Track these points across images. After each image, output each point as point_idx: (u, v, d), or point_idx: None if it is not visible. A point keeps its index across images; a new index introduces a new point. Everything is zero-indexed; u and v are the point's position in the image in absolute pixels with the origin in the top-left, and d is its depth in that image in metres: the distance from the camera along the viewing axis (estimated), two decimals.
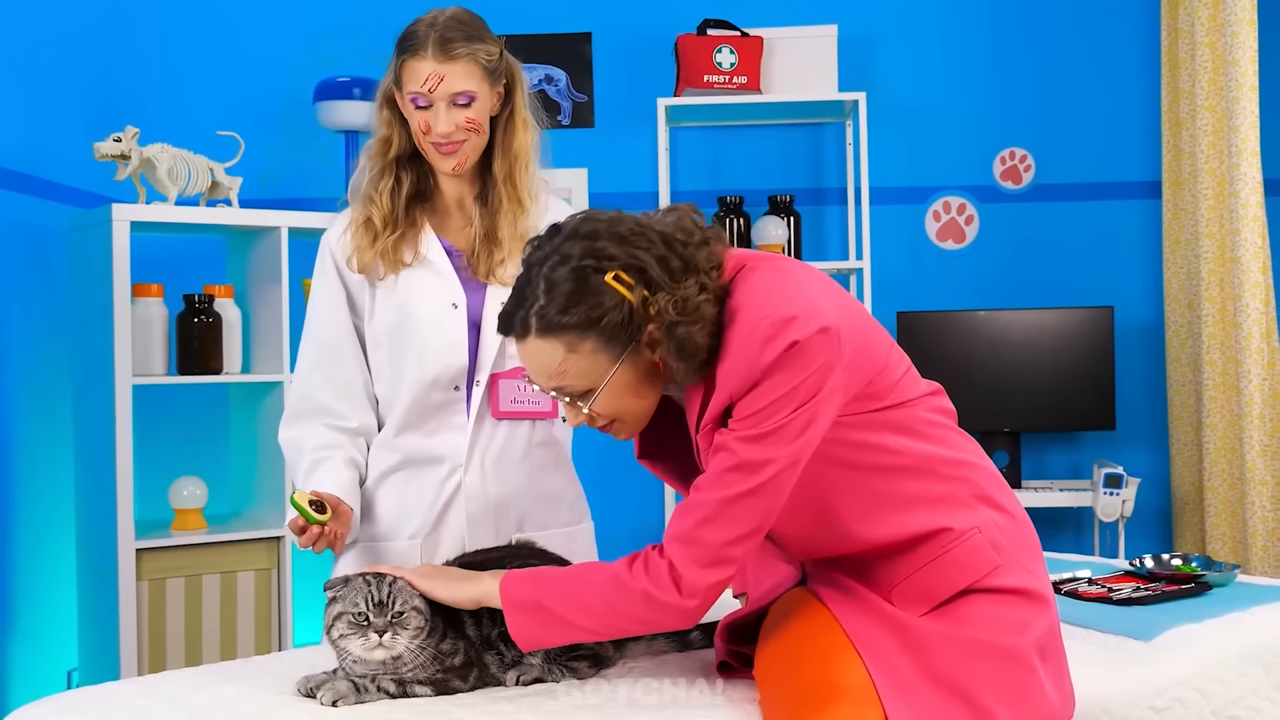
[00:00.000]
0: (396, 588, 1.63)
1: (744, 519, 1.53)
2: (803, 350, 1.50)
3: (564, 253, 1.56)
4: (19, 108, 3.36)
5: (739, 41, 3.99)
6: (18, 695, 3.23)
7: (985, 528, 1.60)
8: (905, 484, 1.60)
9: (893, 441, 1.60)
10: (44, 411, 3.46)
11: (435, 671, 1.66)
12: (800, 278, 1.60)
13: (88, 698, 1.68)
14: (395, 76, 2.12)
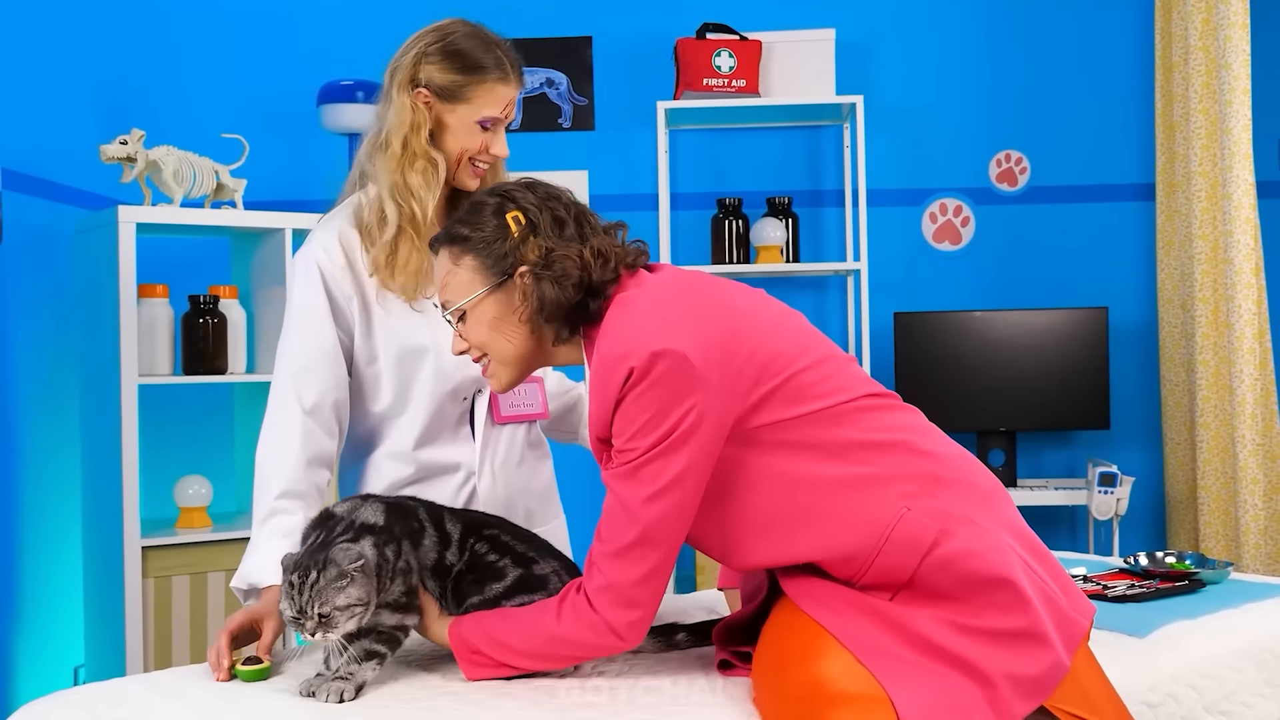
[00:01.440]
0: (315, 592, 1.59)
1: (640, 561, 1.57)
2: (643, 377, 1.53)
3: (495, 191, 1.74)
4: (27, 111, 3.36)
5: (738, 45, 3.99)
6: (25, 691, 3.23)
7: (913, 499, 1.58)
8: (825, 484, 1.59)
9: (807, 445, 1.60)
10: (51, 411, 3.46)
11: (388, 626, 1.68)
12: (654, 302, 1.62)
13: (94, 694, 1.68)
14: (454, 90, 2.04)
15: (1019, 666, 1.51)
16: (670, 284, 1.67)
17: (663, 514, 1.56)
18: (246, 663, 1.71)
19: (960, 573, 1.54)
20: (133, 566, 3.19)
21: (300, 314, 2.09)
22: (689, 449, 1.55)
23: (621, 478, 1.57)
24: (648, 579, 1.58)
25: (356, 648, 1.64)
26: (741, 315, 1.63)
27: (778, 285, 4.24)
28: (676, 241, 4.22)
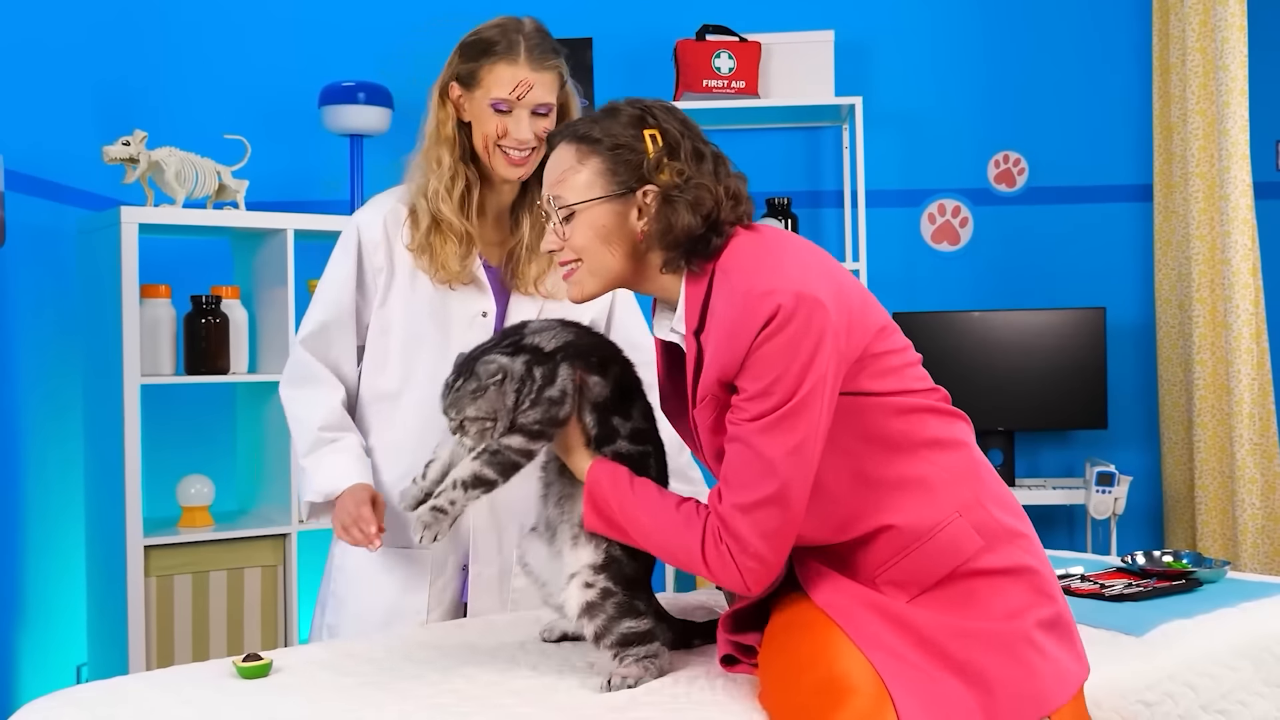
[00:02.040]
0: (455, 397, 1.63)
1: (776, 518, 1.52)
2: (788, 321, 1.49)
3: (633, 102, 1.70)
4: (30, 113, 3.36)
5: (737, 47, 3.99)
6: (28, 690, 3.23)
7: (967, 510, 1.58)
8: (889, 467, 1.58)
9: (882, 423, 1.58)
10: (54, 411, 3.46)
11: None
12: (785, 248, 1.59)
13: (97, 692, 1.68)
14: (470, 76, 2.07)
15: (1023, 679, 1.51)
16: (791, 236, 1.65)
17: (801, 468, 1.52)
18: (246, 660, 1.71)
19: (988, 599, 1.55)
20: (135, 565, 3.19)
21: (329, 280, 2.17)
22: (822, 402, 1.51)
23: (763, 430, 1.51)
24: (783, 535, 1.53)
25: (467, 470, 1.63)
26: (851, 281, 1.62)
27: None
28: None
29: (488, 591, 2.15)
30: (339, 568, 2.19)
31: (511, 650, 1.83)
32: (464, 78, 2.08)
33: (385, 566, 2.14)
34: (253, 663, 1.71)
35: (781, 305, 1.49)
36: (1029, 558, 1.59)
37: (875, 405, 1.57)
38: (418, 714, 1.56)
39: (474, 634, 1.95)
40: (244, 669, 1.71)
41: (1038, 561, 1.61)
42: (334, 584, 2.20)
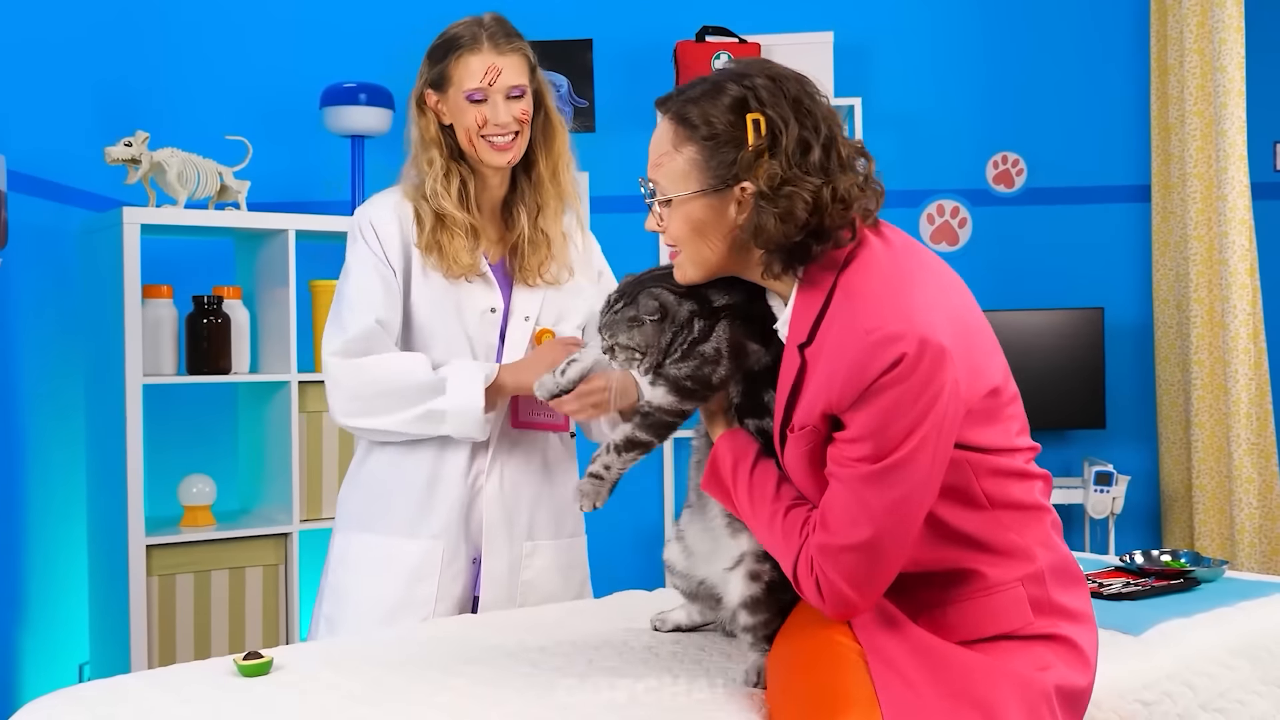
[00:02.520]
0: (612, 319, 1.61)
1: (864, 565, 1.45)
2: (910, 371, 1.39)
3: (744, 72, 1.55)
4: (33, 114, 3.35)
5: (737, 48, 3.99)
6: (31, 688, 3.23)
7: (1029, 582, 1.51)
8: (964, 522, 1.50)
9: (970, 481, 1.50)
10: (57, 410, 3.46)
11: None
12: (916, 276, 1.49)
13: (99, 691, 1.68)
14: (440, 78, 2.12)
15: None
16: (923, 254, 1.56)
17: (901, 523, 1.44)
18: (247, 658, 1.71)
19: (1021, 651, 1.51)
20: (137, 564, 3.19)
21: (364, 264, 2.13)
22: (933, 457, 1.43)
23: (865, 478, 1.43)
24: (872, 584, 1.46)
25: (620, 434, 1.59)
26: (977, 318, 1.54)
27: None
28: None
29: (498, 584, 2.16)
30: (340, 559, 2.19)
31: (512, 648, 1.83)
32: (436, 81, 2.13)
33: (391, 558, 2.13)
34: (254, 661, 1.71)
35: (906, 354, 1.39)
36: (1074, 632, 1.54)
37: (970, 461, 1.49)
38: (417, 712, 1.55)
39: (475, 631, 1.94)
40: (245, 667, 1.71)
41: (1083, 639, 1.55)
42: (333, 576, 2.19)
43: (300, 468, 3.45)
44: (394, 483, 2.15)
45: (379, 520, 2.15)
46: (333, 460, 3.52)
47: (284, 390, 3.45)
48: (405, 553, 2.13)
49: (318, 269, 3.68)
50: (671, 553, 1.83)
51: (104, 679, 1.75)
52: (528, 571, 2.17)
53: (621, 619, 2.01)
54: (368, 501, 2.17)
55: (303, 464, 3.46)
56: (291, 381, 3.42)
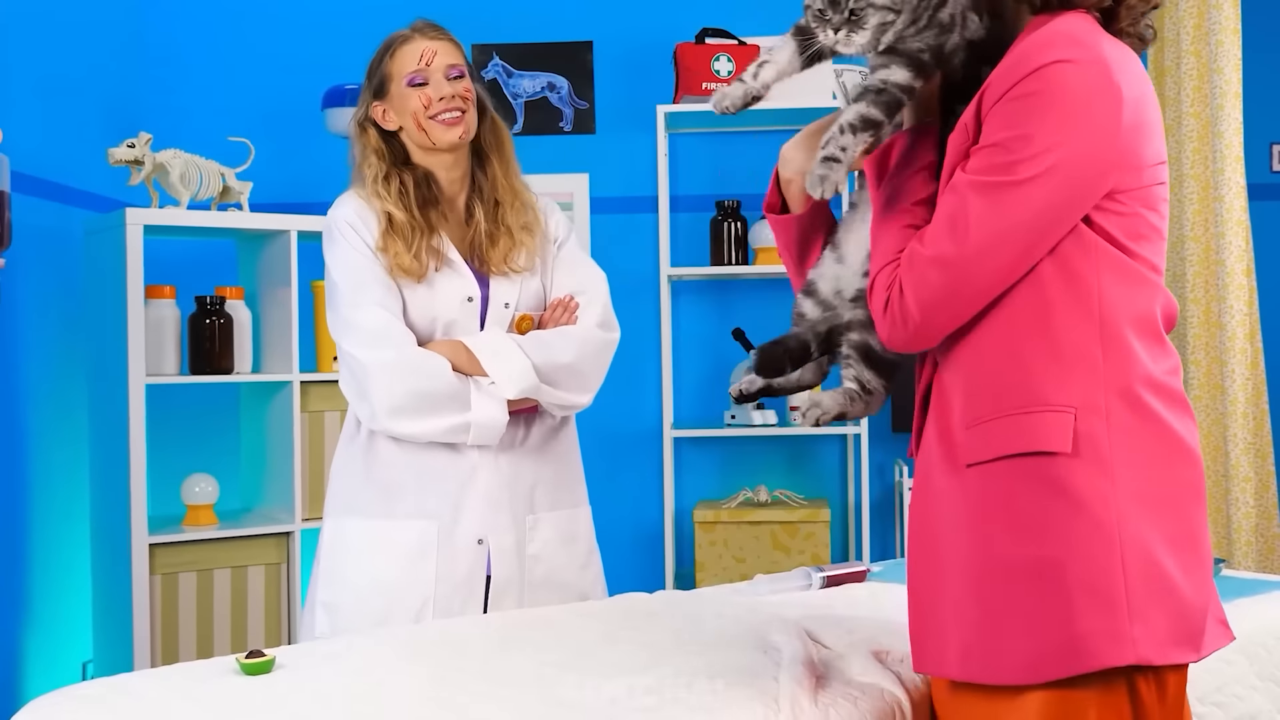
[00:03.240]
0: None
1: (937, 284, 1.36)
2: (1064, 75, 1.31)
3: None
4: (37, 115, 3.36)
5: (736, 50, 3.99)
6: (34, 686, 3.23)
7: (1087, 414, 1.35)
8: (1061, 319, 1.37)
9: (1097, 274, 1.37)
10: (60, 410, 3.46)
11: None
12: (1106, 44, 1.38)
13: (102, 689, 1.68)
14: (381, 82, 2.20)
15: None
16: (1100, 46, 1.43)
17: (997, 250, 1.35)
18: (250, 657, 1.71)
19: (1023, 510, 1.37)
20: (140, 563, 3.19)
21: (357, 255, 2.16)
22: (1061, 190, 1.33)
23: (980, 189, 1.35)
24: (940, 309, 1.38)
25: (853, 113, 1.44)
26: (1157, 119, 1.42)
27: (775, 286, 4.24)
28: (676, 243, 4.21)
29: (507, 560, 2.18)
30: (331, 544, 2.19)
31: (513, 646, 1.83)
32: (378, 89, 2.21)
33: (386, 540, 2.15)
34: (256, 659, 1.71)
35: (1063, 60, 1.31)
36: (1116, 496, 1.35)
37: (1096, 248, 1.37)
38: (419, 710, 1.55)
39: (476, 630, 1.94)
40: (247, 665, 1.71)
41: (1121, 506, 1.36)
42: (327, 561, 2.20)
43: (302, 467, 3.45)
44: (385, 466, 2.16)
45: (371, 504, 2.16)
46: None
47: (286, 390, 3.45)
48: (399, 534, 2.14)
49: (320, 269, 3.66)
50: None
51: (107, 677, 1.75)
52: (532, 545, 2.21)
53: (622, 618, 2.01)
54: (359, 486, 2.18)
55: (304, 463, 3.46)
56: (293, 381, 3.42)
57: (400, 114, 2.18)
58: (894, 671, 1.68)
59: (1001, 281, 1.37)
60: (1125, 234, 1.38)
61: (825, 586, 2.26)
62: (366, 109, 2.22)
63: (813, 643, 1.81)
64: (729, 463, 4.26)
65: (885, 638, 1.82)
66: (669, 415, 4.02)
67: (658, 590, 2.30)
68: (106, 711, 1.57)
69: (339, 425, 3.50)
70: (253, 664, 1.70)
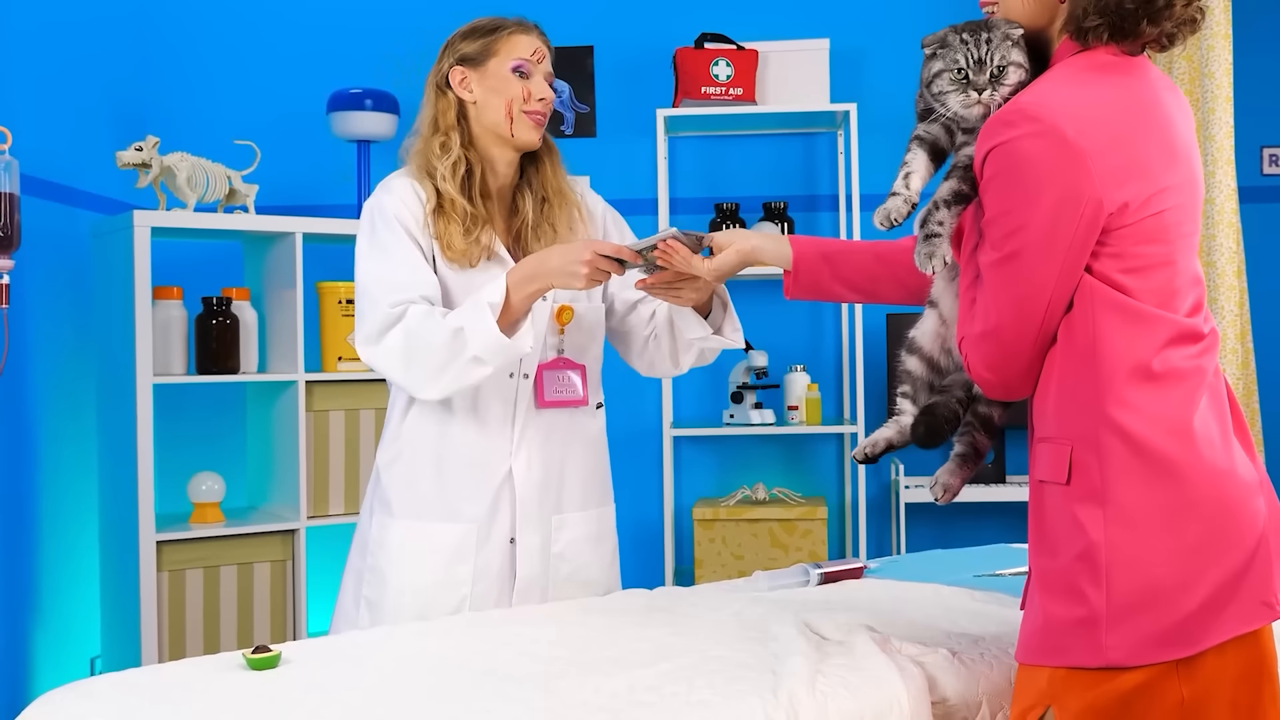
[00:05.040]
0: (993, 45, 1.55)
1: (993, 352, 1.50)
2: (1020, 149, 1.42)
3: None
4: (45, 119, 3.36)
5: (735, 55, 3.99)
6: (43, 681, 3.23)
7: (1082, 446, 1.47)
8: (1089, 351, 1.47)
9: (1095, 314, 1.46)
10: (69, 409, 3.46)
11: None
12: (1089, 84, 1.46)
13: (110, 684, 1.67)
14: (481, 53, 2.13)
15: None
16: (1138, 78, 1.52)
17: (1022, 316, 1.48)
18: (256, 652, 1.71)
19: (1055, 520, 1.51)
20: (148, 560, 3.19)
21: (399, 256, 2.08)
22: (1053, 252, 1.45)
23: (991, 267, 1.49)
24: (1008, 368, 1.52)
25: (946, 189, 1.56)
26: (1171, 145, 1.48)
27: (774, 287, 4.24)
28: None
29: (532, 560, 2.17)
30: (379, 543, 2.17)
31: (516, 644, 1.83)
32: (473, 56, 2.14)
33: (431, 543, 2.14)
34: (262, 655, 1.71)
35: (1014, 137, 1.42)
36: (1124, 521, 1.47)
37: (1097, 293, 1.46)
38: (423, 706, 1.55)
39: (480, 628, 1.94)
40: (253, 661, 1.71)
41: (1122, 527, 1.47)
42: (373, 559, 2.17)
43: (307, 465, 3.45)
44: (421, 468, 2.15)
45: (414, 505, 2.15)
46: (339, 459, 3.52)
47: (291, 390, 3.45)
48: (440, 537, 2.14)
49: (325, 271, 3.68)
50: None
51: (115, 672, 1.75)
52: (557, 544, 2.19)
53: (622, 614, 2.01)
54: (399, 487, 2.17)
55: (309, 462, 3.46)
56: (299, 381, 3.42)
57: (490, 92, 2.13)
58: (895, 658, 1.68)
59: (1044, 335, 1.49)
60: (1122, 272, 1.46)
61: (822, 583, 2.26)
62: (446, 72, 2.15)
63: (812, 634, 1.81)
64: (728, 461, 4.26)
65: (883, 629, 1.82)
66: (669, 414, 4.02)
67: (657, 587, 2.30)
68: (114, 706, 1.57)
69: (343, 424, 3.50)
70: (259, 659, 1.70)
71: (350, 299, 3.54)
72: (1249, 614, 1.48)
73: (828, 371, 4.25)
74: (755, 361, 4.01)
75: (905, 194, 1.57)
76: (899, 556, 2.66)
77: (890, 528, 4.19)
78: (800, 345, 4.24)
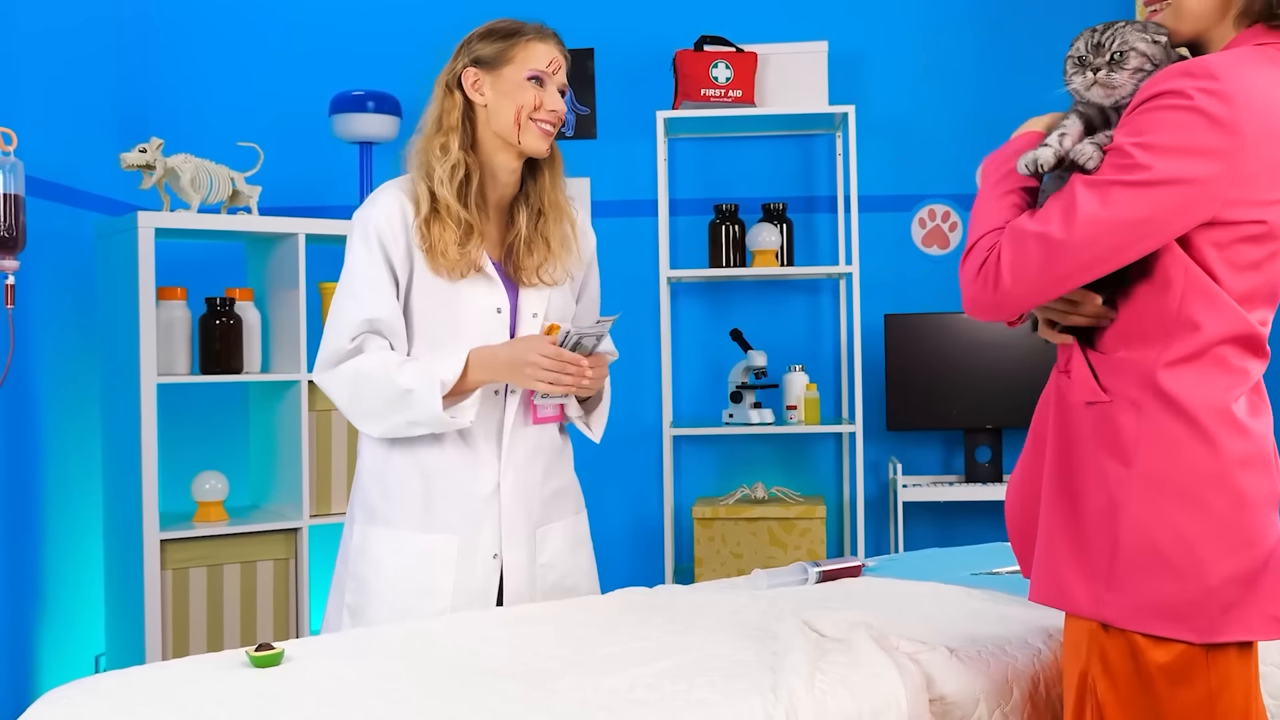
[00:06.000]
0: (1121, 30, 1.54)
1: (1032, 259, 1.46)
2: (1191, 102, 1.39)
3: None
4: (50, 121, 3.35)
5: (734, 57, 3.99)
6: (48, 678, 3.23)
7: (1123, 402, 1.48)
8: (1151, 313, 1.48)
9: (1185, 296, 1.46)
10: (74, 409, 3.46)
11: None
12: (1249, 61, 1.45)
13: (114, 681, 1.67)
14: (496, 57, 2.10)
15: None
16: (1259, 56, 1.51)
17: (1092, 246, 1.44)
18: (259, 650, 1.71)
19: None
20: (151, 558, 3.19)
21: (362, 279, 2.10)
22: (1164, 207, 1.42)
23: (1090, 184, 1.44)
24: (1030, 280, 1.47)
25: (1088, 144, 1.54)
26: None
27: (772, 288, 4.24)
28: (675, 245, 4.21)
29: (519, 573, 2.16)
30: (360, 551, 2.15)
31: (515, 642, 1.83)
32: (488, 59, 2.10)
33: (412, 552, 2.12)
34: (265, 652, 1.71)
35: (1191, 87, 1.39)
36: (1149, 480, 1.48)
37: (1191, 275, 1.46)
38: (423, 703, 1.55)
39: (480, 626, 1.94)
40: (256, 658, 1.70)
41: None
42: (355, 566, 2.16)
43: (310, 465, 3.45)
44: (407, 477, 2.13)
45: (394, 514, 2.13)
46: (341, 458, 3.52)
47: (294, 389, 3.45)
48: (421, 546, 2.12)
49: (327, 271, 3.68)
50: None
51: (119, 670, 1.75)
52: (543, 555, 2.19)
53: (621, 613, 2.01)
54: (382, 495, 2.15)
55: (312, 461, 3.46)
56: (301, 381, 3.42)
57: (502, 97, 2.09)
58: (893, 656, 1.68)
59: (1088, 273, 1.46)
60: (1218, 262, 1.45)
61: (821, 581, 2.26)
62: (459, 72, 2.11)
63: (811, 632, 1.81)
64: (727, 460, 4.26)
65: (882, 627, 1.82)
66: (668, 414, 4.02)
67: (657, 585, 2.30)
68: (119, 703, 1.57)
69: (345, 424, 3.50)
70: (262, 657, 1.70)
71: None
72: (1258, 624, 1.46)
73: (826, 371, 4.25)
74: (754, 361, 4.01)
75: (1056, 146, 1.54)
76: (897, 555, 2.66)
77: (888, 526, 4.19)
78: (799, 345, 4.24)
